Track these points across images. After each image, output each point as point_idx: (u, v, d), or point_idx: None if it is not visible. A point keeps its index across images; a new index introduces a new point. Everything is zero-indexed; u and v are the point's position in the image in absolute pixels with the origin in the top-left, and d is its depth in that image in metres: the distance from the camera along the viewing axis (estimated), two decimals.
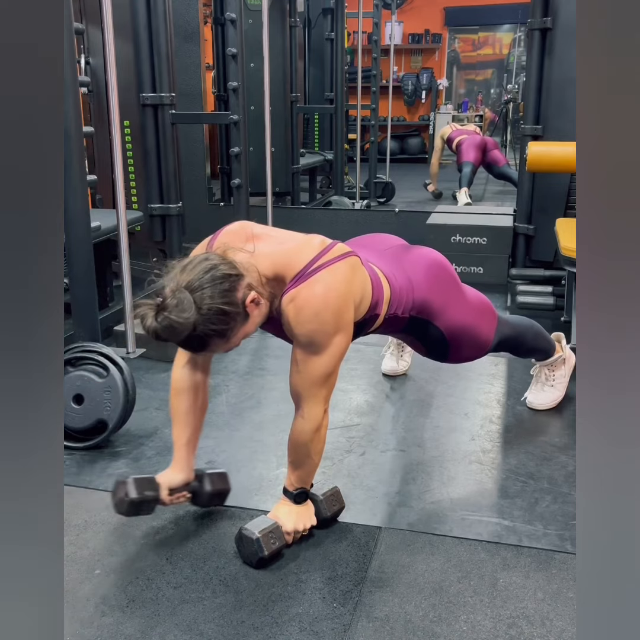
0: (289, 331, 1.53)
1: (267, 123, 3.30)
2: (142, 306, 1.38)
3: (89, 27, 3.38)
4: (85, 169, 2.26)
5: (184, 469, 1.74)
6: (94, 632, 1.42)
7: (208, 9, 5.29)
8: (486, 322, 1.97)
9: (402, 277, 1.76)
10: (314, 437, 1.59)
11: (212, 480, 1.78)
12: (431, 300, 1.79)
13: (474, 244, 3.99)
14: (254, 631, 1.43)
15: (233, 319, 1.40)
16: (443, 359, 2.00)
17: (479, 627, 1.44)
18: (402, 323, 1.78)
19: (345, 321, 1.53)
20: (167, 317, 1.34)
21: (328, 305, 1.48)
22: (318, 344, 1.50)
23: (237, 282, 1.41)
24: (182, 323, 1.34)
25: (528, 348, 2.24)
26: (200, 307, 1.35)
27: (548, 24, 3.53)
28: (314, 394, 1.56)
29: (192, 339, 1.38)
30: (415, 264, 1.81)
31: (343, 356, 1.57)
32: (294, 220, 4.48)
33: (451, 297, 1.85)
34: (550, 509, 1.82)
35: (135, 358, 2.79)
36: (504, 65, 10.32)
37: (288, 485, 1.67)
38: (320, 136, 6.83)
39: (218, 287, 1.37)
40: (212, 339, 1.40)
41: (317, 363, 1.52)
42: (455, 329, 1.86)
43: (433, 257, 1.88)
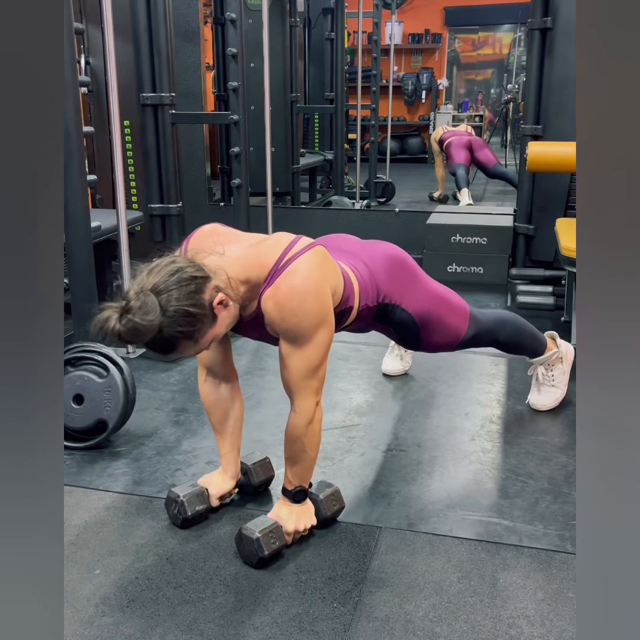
0: (274, 329, 1.55)
1: (267, 123, 3.30)
2: (106, 309, 1.37)
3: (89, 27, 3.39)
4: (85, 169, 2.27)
5: (232, 476, 1.83)
6: (94, 632, 1.42)
7: (208, 9, 5.29)
8: (455, 309, 1.98)
9: (363, 269, 1.79)
10: (307, 430, 1.61)
11: (256, 472, 1.86)
12: (393, 284, 1.82)
13: (474, 244, 3.99)
14: (254, 631, 1.43)
15: (200, 321, 1.40)
16: (417, 345, 2.00)
17: (479, 627, 1.44)
18: (372, 312, 1.81)
19: (325, 308, 1.55)
20: (131, 319, 1.33)
21: (307, 294, 1.50)
22: (303, 337, 1.52)
23: (203, 284, 1.41)
24: (145, 326, 1.34)
25: (511, 342, 2.22)
26: (166, 310, 1.35)
27: (548, 24, 3.54)
28: (303, 387, 1.58)
29: (159, 341, 1.38)
30: (373, 256, 1.85)
31: (329, 346, 1.59)
32: (294, 220, 4.48)
33: (413, 280, 1.88)
34: (550, 509, 1.82)
35: (135, 358, 2.80)
36: (504, 65, 10.31)
37: (286, 484, 1.68)
38: (320, 136, 6.83)
39: (184, 289, 1.37)
40: (179, 341, 1.40)
41: (303, 356, 1.54)
42: (423, 311, 1.88)
43: (388, 247, 1.92)
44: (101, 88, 3.66)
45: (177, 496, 1.73)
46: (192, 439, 2.20)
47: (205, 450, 2.11)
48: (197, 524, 1.76)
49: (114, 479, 1.97)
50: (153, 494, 1.89)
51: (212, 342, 1.50)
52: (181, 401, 2.47)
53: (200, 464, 2.05)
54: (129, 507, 1.85)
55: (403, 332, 1.91)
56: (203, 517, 1.77)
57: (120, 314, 1.34)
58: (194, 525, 1.75)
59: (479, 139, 6.38)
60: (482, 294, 3.79)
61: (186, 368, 2.76)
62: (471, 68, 10.61)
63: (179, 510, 1.73)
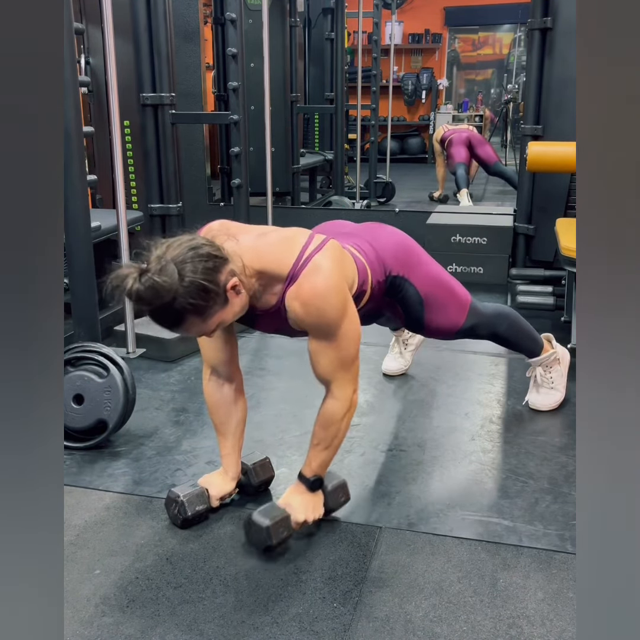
0: (300, 326, 1.58)
1: (267, 123, 3.30)
2: (124, 268, 1.37)
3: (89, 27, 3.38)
4: (85, 169, 2.26)
5: (233, 477, 1.83)
6: (94, 632, 1.42)
7: (208, 9, 5.29)
8: (457, 295, 2.01)
9: (368, 248, 1.81)
10: (346, 415, 1.65)
11: (256, 472, 1.88)
12: (399, 262, 1.85)
13: (474, 244, 3.99)
14: (254, 631, 1.43)
15: (212, 299, 1.41)
16: (420, 325, 2.00)
17: (479, 627, 1.44)
18: (383, 288, 1.83)
19: (346, 300, 1.58)
20: (151, 277, 1.33)
21: (330, 291, 1.53)
22: (331, 332, 1.56)
23: (221, 265, 1.43)
24: (164, 287, 1.33)
25: (510, 337, 2.22)
26: (183, 279, 1.36)
27: (548, 24, 3.53)
28: (341, 378, 1.61)
29: (169, 311, 1.38)
30: (377, 236, 1.88)
31: (357, 338, 1.63)
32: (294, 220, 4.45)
33: (419, 261, 1.92)
34: (550, 509, 1.82)
35: (135, 358, 2.80)
36: (504, 65, 10.31)
37: (306, 472, 1.69)
38: (320, 136, 6.83)
39: (202, 264, 1.39)
40: (189, 314, 1.40)
41: (336, 350, 1.58)
42: (428, 290, 1.91)
43: (392, 230, 1.96)
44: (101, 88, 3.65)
45: (177, 496, 1.73)
46: (192, 439, 2.20)
47: (205, 450, 2.11)
48: (197, 524, 1.76)
49: (114, 479, 1.97)
50: (153, 494, 1.89)
51: (217, 329, 1.51)
52: (181, 401, 2.47)
53: (200, 464, 2.05)
54: (129, 507, 1.85)
55: (409, 307, 1.93)
56: (203, 517, 1.77)
57: (140, 273, 1.35)
58: (194, 525, 1.75)
59: (479, 135, 6.37)
60: (482, 294, 3.79)
61: (186, 368, 2.76)
62: (471, 68, 10.61)
63: (179, 511, 1.73)
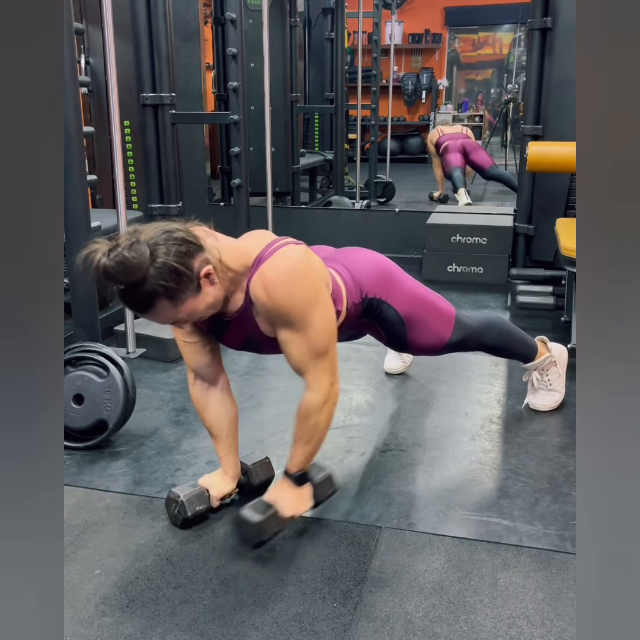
0: (267, 317, 1.54)
1: (267, 123, 3.30)
2: (94, 244, 1.35)
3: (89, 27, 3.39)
4: (85, 169, 2.27)
5: (233, 477, 1.82)
6: (94, 632, 1.42)
7: (208, 9, 5.29)
8: (441, 311, 1.98)
9: (344, 270, 1.79)
10: (324, 407, 1.59)
11: (256, 473, 1.87)
12: (376, 284, 1.83)
13: (474, 244, 3.99)
14: (254, 631, 1.43)
15: (184, 283, 1.40)
16: (404, 345, 1.98)
17: (479, 627, 1.44)
18: (359, 310, 1.81)
19: (316, 286, 1.55)
20: (121, 253, 1.32)
21: (295, 274, 1.50)
22: (299, 319, 1.51)
23: (195, 251, 1.42)
24: (133, 263, 1.32)
25: (499, 346, 2.20)
26: (155, 259, 1.35)
27: (548, 24, 3.53)
28: (314, 368, 1.57)
29: (140, 292, 1.37)
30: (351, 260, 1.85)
31: (330, 326, 1.58)
32: (294, 220, 4.48)
33: (396, 282, 1.89)
34: (550, 509, 1.82)
35: (135, 358, 2.80)
36: (504, 65, 10.31)
37: (290, 468, 1.68)
38: (320, 136, 6.83)
39: (176, 247, 1.38)
40: (160, 298, 1.39)
41: (305, 339, 1.53)
42: (408, 310, 1.88)
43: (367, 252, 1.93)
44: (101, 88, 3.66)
45: (177, 496, 1.73)
46: (192, 439, 2.20)
47: (205, 450, 2.11)
48: (197, 524, 1.76)
49: (114, 479, 1.97)
50: (153, 494, 1.89)
51: (189, 320, 1.50)
52: (181, 401, 2.47)
53: (200, 464, 2.05)
54: (129, 507, 1.85)
55: (391, 328, 1.91)
56: (203, 517, 1.77)
57: (109, 248, 1.34)
58: (194, 526, 1.75)
59: (472, 142, 6.38)
60: (482, 294, 3.79)
61: (186, 368, 2.75)
62: (471, 68, 10.60)
63: (179, 511, 1.73)
